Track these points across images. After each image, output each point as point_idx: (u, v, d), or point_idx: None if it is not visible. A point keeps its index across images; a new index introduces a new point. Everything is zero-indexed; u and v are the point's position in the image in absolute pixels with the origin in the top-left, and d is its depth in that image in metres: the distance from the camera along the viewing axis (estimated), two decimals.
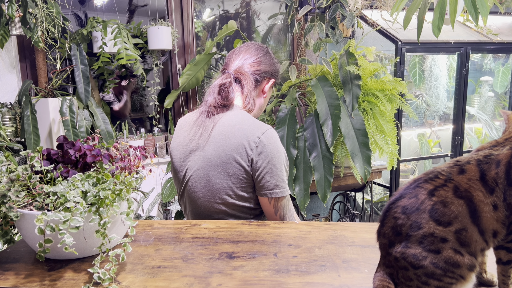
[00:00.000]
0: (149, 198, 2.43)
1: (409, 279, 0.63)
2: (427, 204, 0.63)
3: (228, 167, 1.18)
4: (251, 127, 1.20)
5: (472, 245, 0.62)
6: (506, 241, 0.65)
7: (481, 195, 0.63)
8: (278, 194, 1.19)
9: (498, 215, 0.63)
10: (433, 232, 0.62)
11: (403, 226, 0.64)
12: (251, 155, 1.17)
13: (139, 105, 2.93)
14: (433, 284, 0.62)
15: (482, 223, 0.63)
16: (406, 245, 0.63)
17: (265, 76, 1.32)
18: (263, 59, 1.32)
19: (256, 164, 1.17)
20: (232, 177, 1.19)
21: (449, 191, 0.64)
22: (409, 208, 0.64)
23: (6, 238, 0.91)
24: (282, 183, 1.21)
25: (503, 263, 0.66)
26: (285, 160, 1.23)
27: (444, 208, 0.63)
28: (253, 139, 1.17)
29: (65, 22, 2.14)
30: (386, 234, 0.66)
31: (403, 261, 0.63)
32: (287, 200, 1.23)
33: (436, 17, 1.56)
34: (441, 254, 0.61)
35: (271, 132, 1.21)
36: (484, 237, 0.63)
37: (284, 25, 3.21)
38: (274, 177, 1.18)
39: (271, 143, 1.18)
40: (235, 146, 1.18)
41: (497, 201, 0.63)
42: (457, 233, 0.62)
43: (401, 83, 2.18)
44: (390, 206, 0.67)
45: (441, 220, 0.62)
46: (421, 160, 3.48)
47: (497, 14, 3.36)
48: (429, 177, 0.67)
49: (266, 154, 1.17)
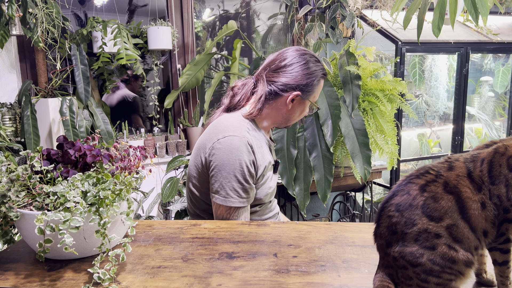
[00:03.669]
0: (149, 198, 2.43)
1: (409, 278, 0.64)
2: (419, 200, 0.64)
3: (196, 158, 1.26)
4: (219, 129, 1.22)
5: (465, 242, 0.63)
6: (498, 242, 0.65)
7: (469, 192, 0.64)
8: (216, 200, 1.18)
9: (486, 214, 0.63)
10: (427, 228, 0.62)
11: (397, 224, 0.64)
12: (206, 154, 1.22)
13: (139, 105, 2.93)
14: (433, 281, 0.62)
15: (472, 220, 0.63)
16: (403, 244, 0.63)
17: (286, 89, 1.23)
18: (284, 70, 1.24)
19: (209, 164, 1.21)
20: (195, 167, 1.26)
21: (439, 187, 0.64)
22: (402, 205, 0.65)
23: (6, 238, 0.91)
24: (223, 192, 1.17)
25: (499, 264, 0.67)
26: (239, 173, 1.16)
27: (435, 204, 0.63)
28: (212, 140, 1.21)
29: (65, 22, 2.14)
30: (383, 234, 0.66)
31: (402, 260, 0.63)
32: (231, 214, 1.18)
33: (436, 17, 1.56)
34: (436, 250, 0.62)
35: (233, 139, 1.18)
36: (476, 235, 0.63)
37: (284, 25, 3.21)
38: (217, 182, 1.18)
39: (223, 150, 1.17)
40: (203, 142, 1.25)
41: (485, 199, 0.64)
42: (448, 228, 0.62)
43: (401, 83, 2.18)
44: (384, 205, 0.68)
45: (433, 216, 0.63)
46: (421, 160, 3.47)
47: (497, 14, 3.36)
48: (420, 173, 0.67)
49: (216, 158, 1.18)
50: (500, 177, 0.64)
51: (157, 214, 2.48)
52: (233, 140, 1.17)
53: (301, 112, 1.31)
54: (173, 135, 2.72)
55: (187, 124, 2.70)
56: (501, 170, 0.64)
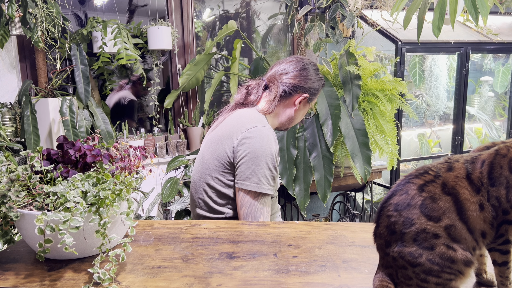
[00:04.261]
0: (149, 198, 2.43)
1: (408, 278, 0.64)
2: (418, 200, 0.64)
3: (216, 149, 1.28)
4: (246, 120, 1.28)
5: (463, 242, 0.63)
6: (497, 243, 0.65)
7: (467, 193, 0.64)
8: (247, 187, 1.21)
9: (485, 216, 0.63)
10: (425, 228, 0.62)
11: (396, 223, 0.64)
12: (234, 143, 1.24)
13: (139, 105, 2.93)
14: (432, 281, 0.62)
15: (470, 222, 0.63)
16: (402, 244, 0.63)
17: (297, 90, 1.36)
18: (297, 74, 1.36)
19: (237, 153, 1.23)
20: (216, 159, 1.27)
21: (438, 187, 0.64)
22: (401, 205, 0.65)
23: (6, 238, 0.91)
24: (255, 178, 1.21)
25: (498, 265, 0.67)
26: (270, 161, 1.23)
27: (433, 204, 0.63)
28: (241, 130, 1.25)
29: (65, 22, 2.14)
30: (382, 234, 0.67)
31: (401, 260, 0.63)
32: (258, 201, 1.22)
33: (436, 17, 1.56)
34: (435, 250, 0.62)
35: (262, 129, 1.25)
36: (474, 236, 0.63)
37: (284, 25, 3.21)
38: (248, 170, 1.21)
39: (256, 138, 1.23)
40: (227, 133, 1.27)
41: (483, 200, 0.63)
42: (447, 229, 0.62)
43: (401, 83, 2.18)
44: (383, 205, 0.68)
45: (431, 216, 0.63)
46: (421, 160, 3.47)
47: (497, 14, 3.36)
48: (419, 173, 0.67)
49: (248, 146, 1.22)
50: (500, 179, 0.63)
51: (157, 214, 2.48)
52: (263, 130, 1.25)
53: (303, 114, 1.45)
54: (173, 135, 2.72)
55: (187, 124, 2.70)
56: (502, 171, 0.64)
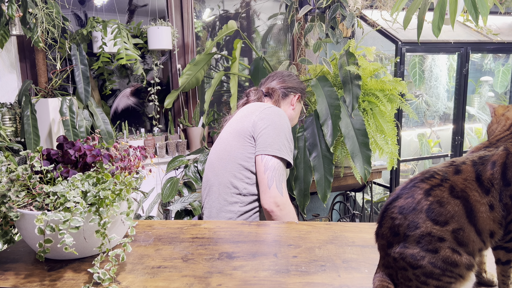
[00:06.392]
0: (149, 198, 2.43)
1: (408, 279, 0.63)
2: (424, 204, 0.63)
3: (238, 127, 1.42)
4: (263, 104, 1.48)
5: (470, 245, 0.62)
6: (504, 241, 0.65)
7: (477, 195, 0.63)
8: (270, 152, 1.32)
9: (494, 215, 0.63)
10: (430, 232, 0.62)
11: (400, 226, 0.64)
12: (255, 119, 1.39)
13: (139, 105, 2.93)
14: (432, 284, 0.62)
15: (479, 223, 0.63)
16: (404, 246, 0.63)
17: (291, 91, 1.63)
18: (287, 79, 1.66)
19: (257, 126, 1.37)
20: (239, 137, 1.39)
21: (445, 191, 0.64)
22: (406, 208, 0.64)
23: (6, 238, 0.91)
24: (276, 145, 1.32)
25: (502, 263, 0.66)
26: (288, 134, 1.38)
27: (440, 208, 0.63)
28: (260, 109, 1.43)
29: (65, 22, 2.14)
30: (384, 235, 0.66)
31: (402, 262, 0.63)
32: (280, 166, 1.33)
33: (436, 17, 1.56)
34: (439, 254, 0.61)
35: (280, 110, 1.44)
36: (481, 237, 0.63)
37: (284, 25, 3.21)
38: (270, 138, 1.34)
39: (275, 114, 1.40)
40: (246, 113, 1.45)
41: (493, 201, 0.63)
42: (454, 232, 0.62)
43: (401, 83, 2.18)
44: (387, 206, 0.67)
45: (437, 220, 0.62)
46: (421, 160, 3.48)
47: (497, 14, 3.36)
48: (425, 177, 0.67)
49: (267, 119, 1.38)
50: None
51: (157, 214, 2.48)
52: (279, 109, 1.45)
53: (298, 114, 1.70)
54: (173, 135, 2.72)
55: (187, 124, 2.70)
56: None
